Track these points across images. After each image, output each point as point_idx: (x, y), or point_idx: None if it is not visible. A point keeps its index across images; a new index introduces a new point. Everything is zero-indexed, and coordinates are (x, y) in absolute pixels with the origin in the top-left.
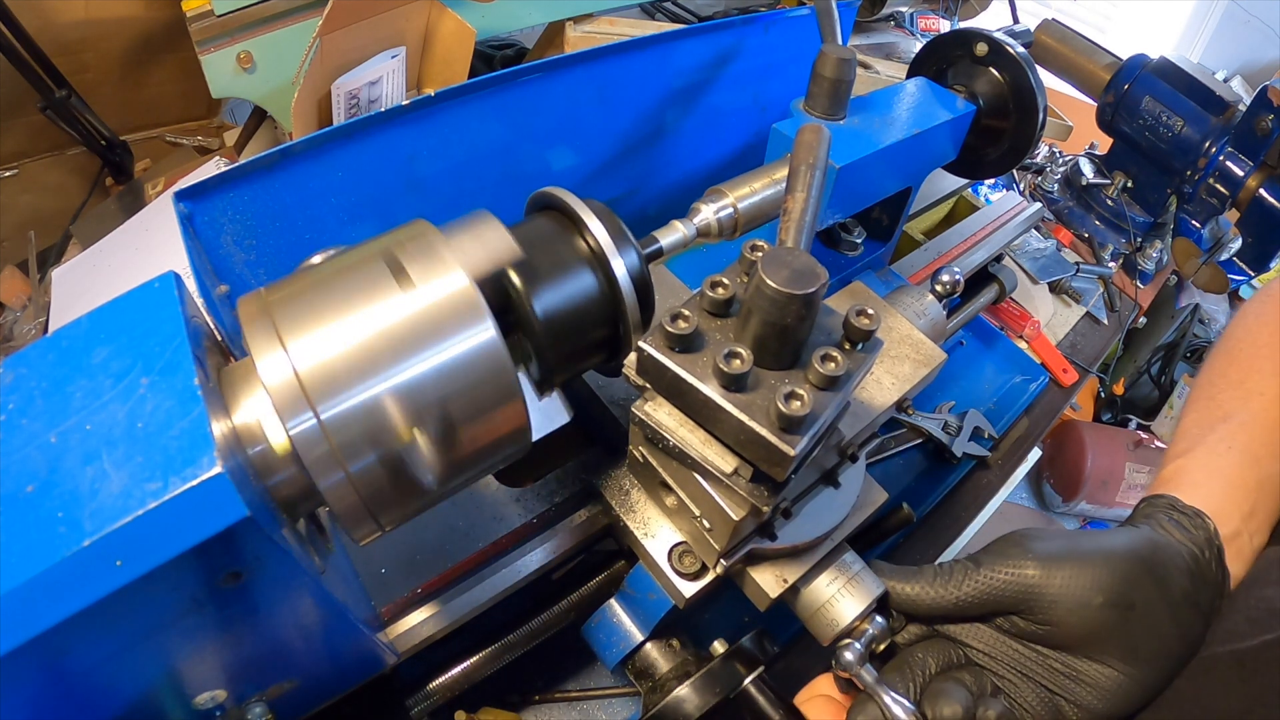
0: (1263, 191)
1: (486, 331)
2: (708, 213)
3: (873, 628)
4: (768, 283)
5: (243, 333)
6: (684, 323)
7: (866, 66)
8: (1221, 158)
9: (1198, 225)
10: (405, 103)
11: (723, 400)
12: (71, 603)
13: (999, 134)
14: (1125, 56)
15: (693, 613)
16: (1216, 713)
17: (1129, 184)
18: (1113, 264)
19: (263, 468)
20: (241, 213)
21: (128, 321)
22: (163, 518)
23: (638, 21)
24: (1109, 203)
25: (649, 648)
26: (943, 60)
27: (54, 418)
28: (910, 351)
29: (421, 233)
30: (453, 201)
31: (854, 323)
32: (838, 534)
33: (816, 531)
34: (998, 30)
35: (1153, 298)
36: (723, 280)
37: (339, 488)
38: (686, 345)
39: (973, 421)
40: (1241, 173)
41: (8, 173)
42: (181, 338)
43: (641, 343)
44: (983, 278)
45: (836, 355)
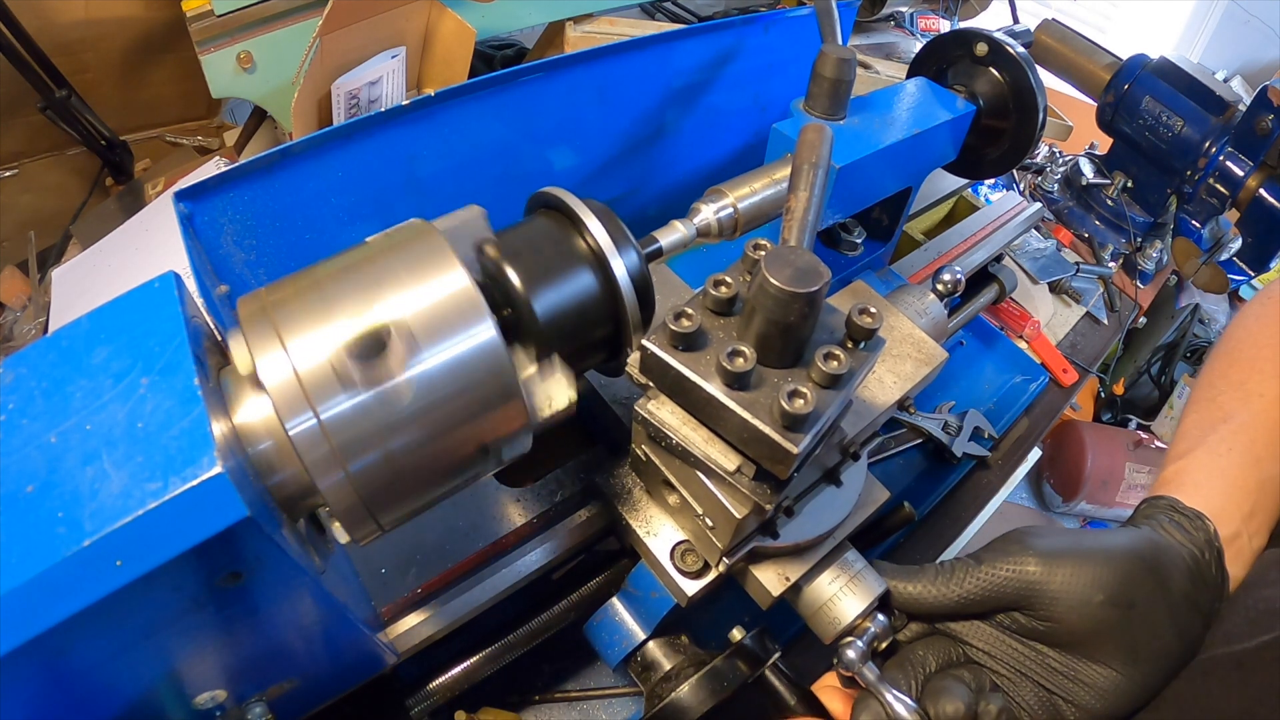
0: (1263, 191)
1: (487, 331)
2: (708, 213)
3: (875, 626)
4: (771, 281)
5: (243, 332)
6: (687, 321)
7: (866, 66)
8: (1221, 158)
9: (1198, 225)
10: (405, 103)
11: (726, 398)
12: (71, 603)
13: (999, 134)
14: (1125, 56)
15: (695, 611)
16: (1216, 714)
17: (1129, 184)
18: (1113, 264)
19: (263, 468)
20: (241, 213)
21: (128, 321)
22: (163, 518)
23: (638, 21)
24: (1109, 203)
25: (651, 646)
26: (943, 60)
27: (54, 418)
28: (912, 350)
29: (421, 232)
30: (453, 201)
31: (856, 321)
32: (840, 532)
33: (819, 530)
34: (998, 30)
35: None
36: (726, 279)
37: (339, 488)
38: (690, 344)
39: (973, 421)
40: (1241, 173)
41: (8, 173)
42: (181, 338)
43: (645, 341)
44: (983, 278)
45: (839, 354)
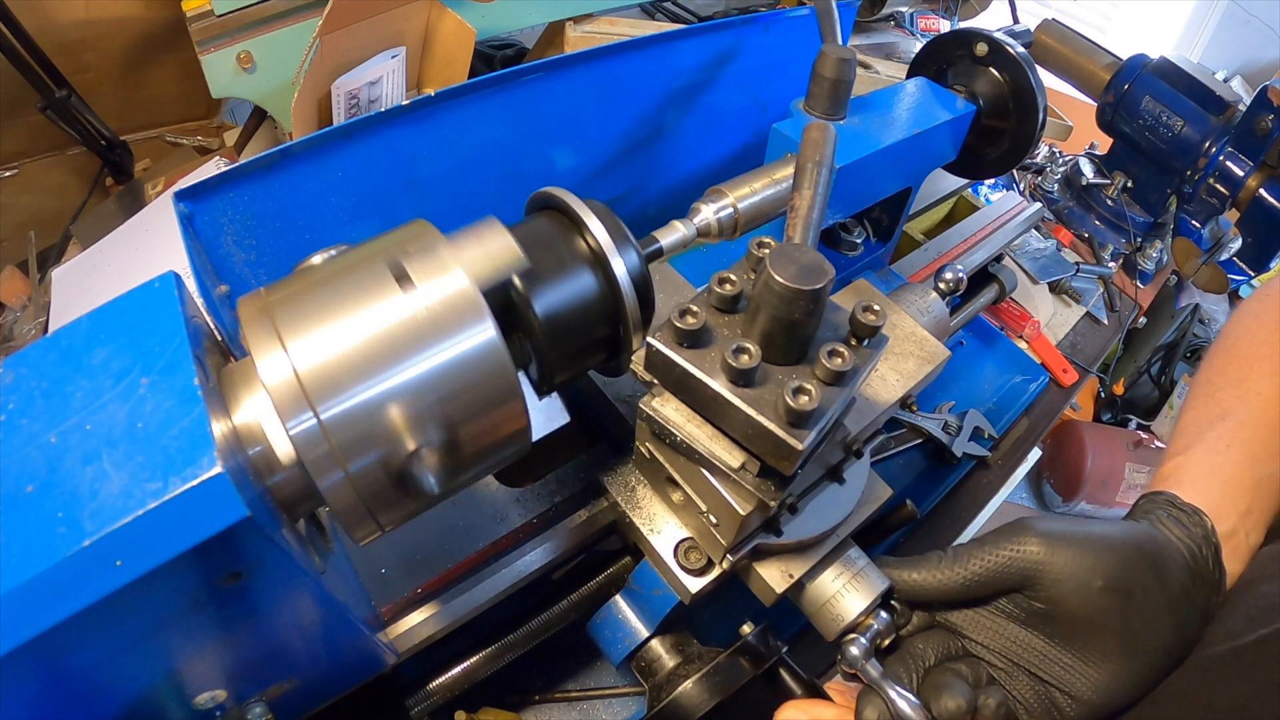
0: (1263, 191)
1: (487, 332)
2: (708, 213)
3: (878, 623)
4: (776, 278)
5: (243, 332)
6: (692, 318)
7: (866, 66)
8: (1221, 158)
9: (1198, 225)
10: (405, 103)
11: (731, 395)
12: (71, 603)
13: (999, 134)
14: (1125, 56)
15: (698, 609)
16: (1214, 709)
17: (1129, 184)
18: (1113, 264)
19: (263, 468)
20: (241, 213)
21: (128, 321)
22: (163, 518)
23: (638, 21)
24: (1109, 203)
25: (654, 644)
26: (943, 60)
27: (54, 418)
28: (914, 348)
29: (422, 233)
30: (453, 201)
31: (860, 319)
32: (843, 529)
33: (822, 527)
34: (998, 30)
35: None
36: (730, 276)
37: (339, 488)
38: (695, 341)
39: (973, 421)
40: (1241, 173)
41: (8, 173)
42: (181, 338)
43: (650, 338)
44: (983, 278)
45: (843, 351)
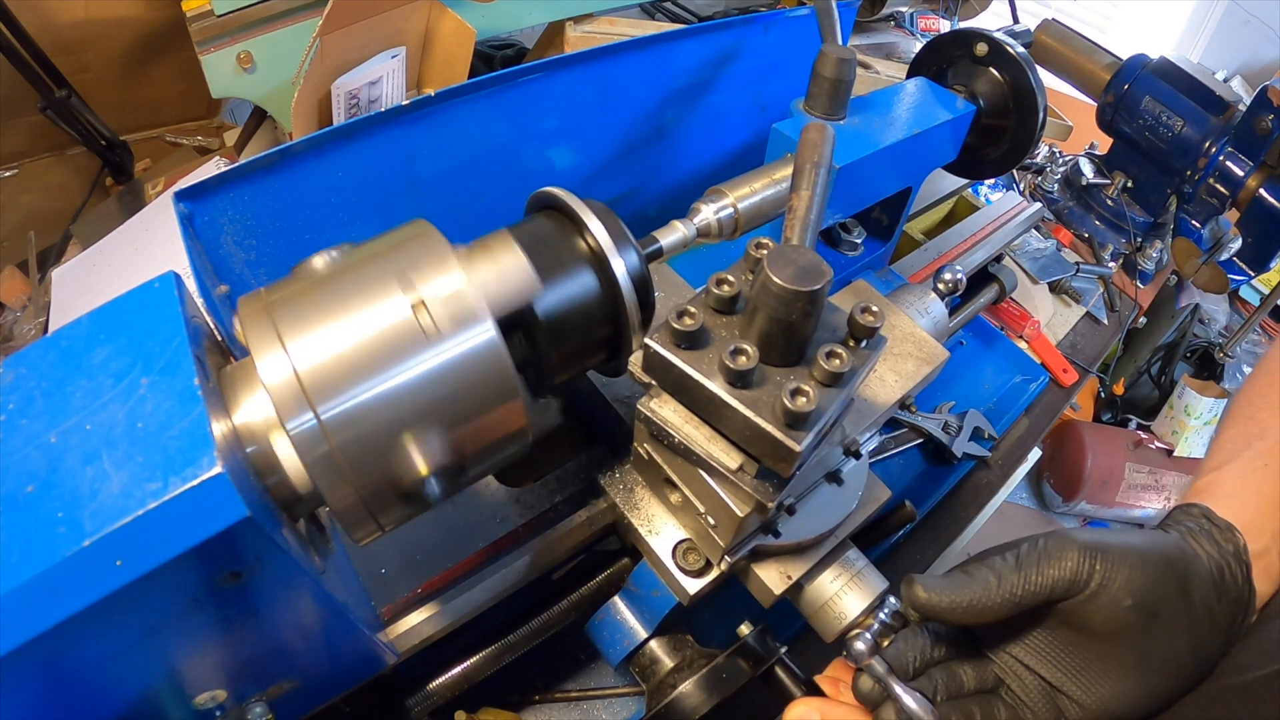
0: (1263, 191)
1: (486, 332)
2: (708, 213)
3: (877, 623)
4: (773, 279)
5: (243, 332)
6: (690, 320)
7: (866, 66)
8: (1221, 158)
9: (1198, 225)
10: (405, 103)
11: (729, 396)
12: (71, 603)
13: (999, 134)
14: (1125, 56)
15: (697, 610)
16: None
17: (1129, 184)
18: (1113, 264)
19: (263, 468)
20: (241, 213)
21: (128, 321)
22: (163, 518)
23: (638, 21)
24: (1109, 203)
25: (653, 645)
26: (943, 60)
27: (54, 418)
28: (913, 349)
29: (422, 233)
30: (453, 201)
31: (858, 320)
32: (841, 531)
33: (820, 528)
34: (998, 30)
35: (1153, 298)
36: (728, 277)
37: (339, 488)
38: (692, 342)
39: (973, 421)
40: (1241, 173)
41: (8, 173)
42: (181, 338)
43: (648, 339)
44: (983, 278)
45: (841, 352)
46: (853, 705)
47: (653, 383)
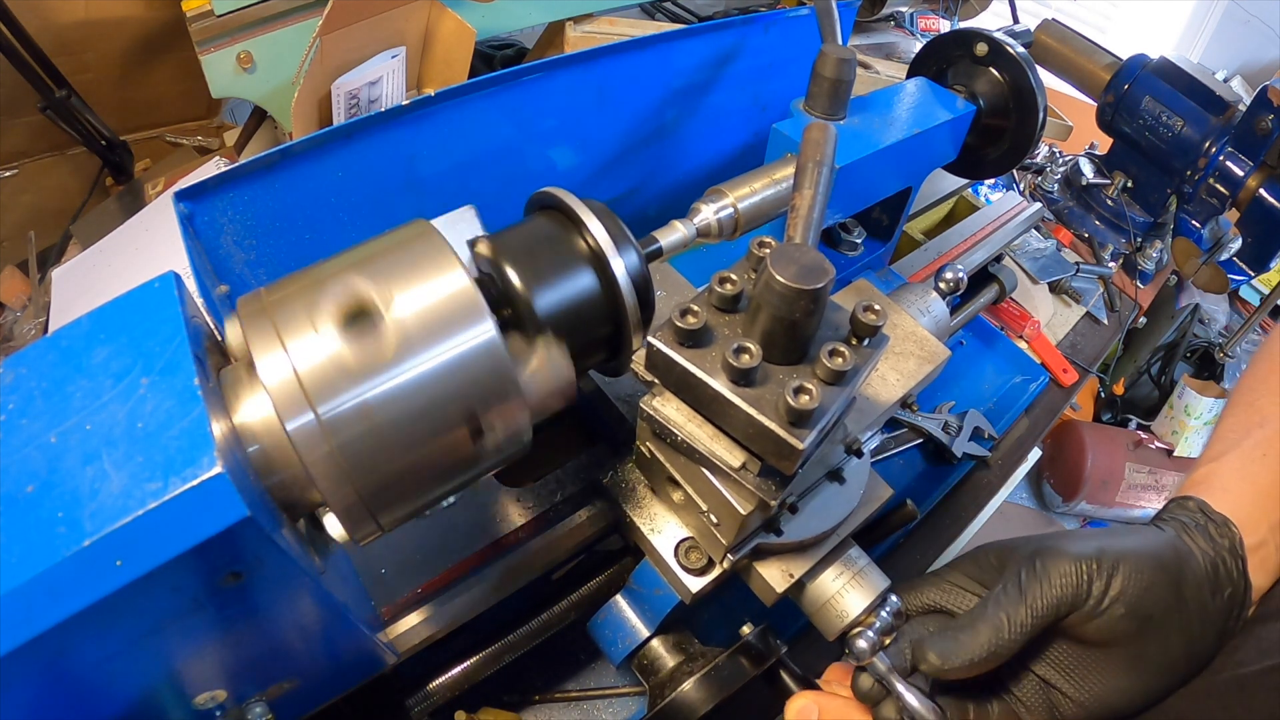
0: (1263, 191)
1: (486, 332)
2: (708, 213)
3: (879, 621)
4: (776, 278)
5: (243, 332)
6: (693, 318)
7: (866, 66)
8: (1221, 158)
9: (1198, 225)
10: (405, 103)
11: (732, 395)
12: (71, 603)
13: (999, 134)
14: (1125, 56)
15: (699, 609)
16: None
17: (1129, 184)
18: (1113, 264)
19: (263, 468)
20: (241, 213)
21: (128, 321)
22: (163, 518)
23: (638, 21)
24: (1109, 203)
25: (655, 644)
26: (943, 60)
27: (54, 418)
28: (915, 348)
29: (422, 233)
30: (453, 201)
31: (861, 318)
32: (843, 529)
33: (822, 527)
34: (998, 30)
35: (1153, 298)
36: (731, 276)
37: (339, 488)
38: (695, 340)
39: (973, 421)
40: (1241, 173)
41: (8, 173)
42: (181, 338)
43: (651, 338)
44: (983, 278)
45: (844, 350)
46: (850, 699)
47: (656, 381)
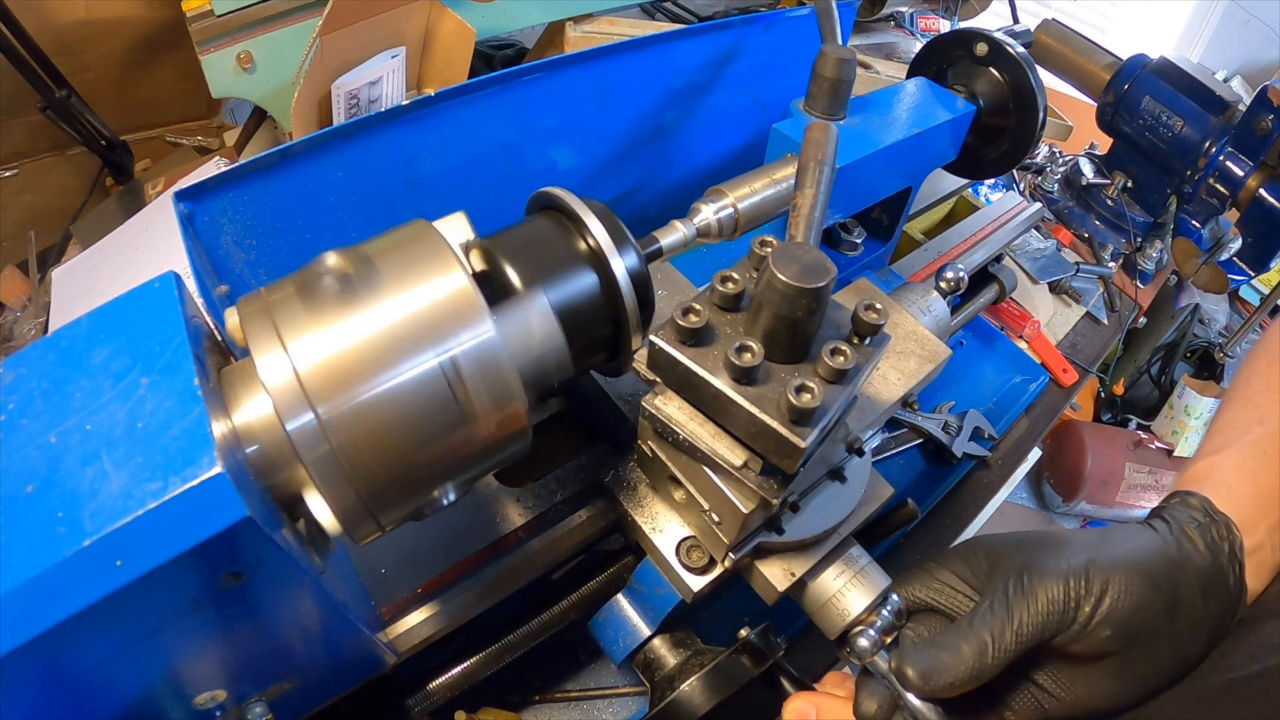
0: (1263, 191)
1: (486, 332)
2: (708, 213)
3: (881, 620)
4: (778, 277)
5: (242, 332)
6: (695, 317)
7: (866, 66)
8: (1221, 158)
9: (1198, 225)
10: (405, 103)
11: (734, 393)
12: (71, 603)
13: (999, 134)
14: (1125, 56)
15: (700, 607)
16: None
17: (1129, 184)
18: (1113, 264)
19: (263, 468)
20: (241, 213)
21: (128, 321)
22: (163, 518)
23: (638, 21)
24: (1109, 203)
25: (656, 642)
26: (943, 60)
27: (54, 418)
28: (916, 347)
29: (422, 233)
30: (453, 201)
31: (862, 317)
32: (845, 528)
33: (823, 525)
34: (998, 30)
35: (1153, 298)
36: (733, 275)
37: (339, 488)
38: (697, 339)
39: (973, 421)
40: (1241, 173)
41: (8, 173)
42: (181, 338)
43: (653, 336)
44: (983, 278)
45: (845, 349)
46: (848, 700)
47: (658, 380)
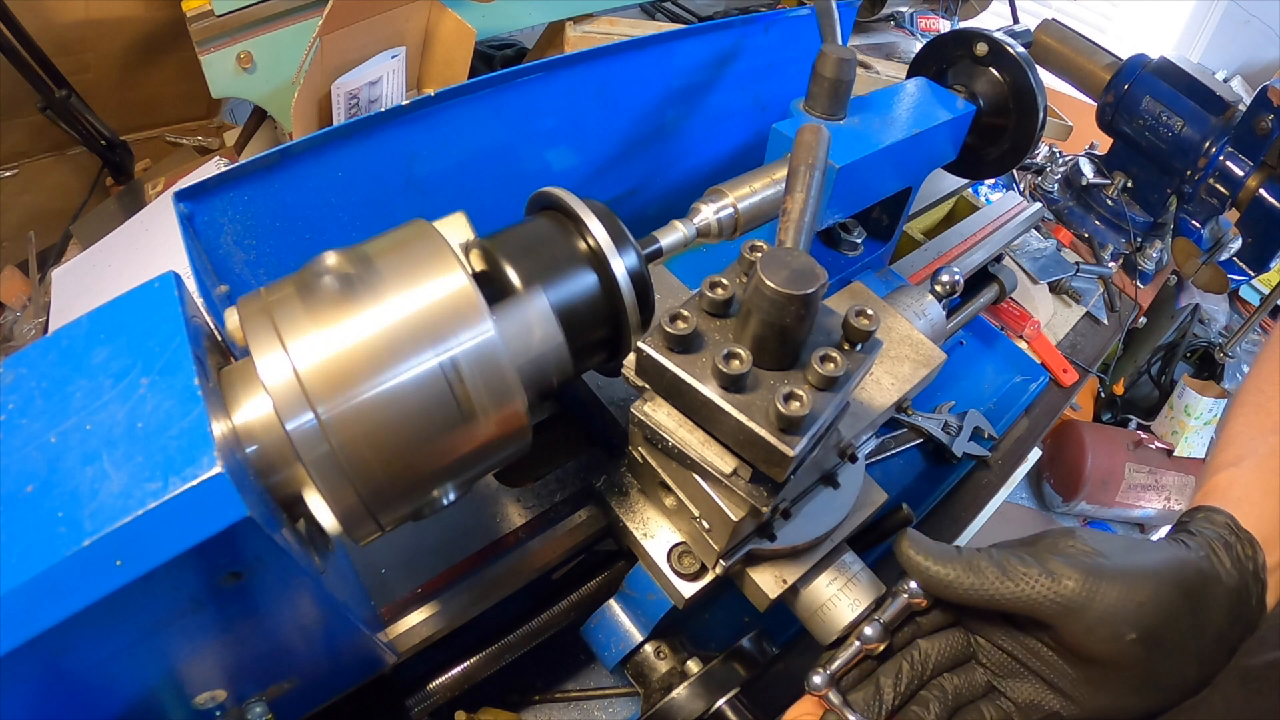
0: (1263, 191)
1: (486, 332)
2: (708, 213)
3: (871, 629)
4: (767, 283)
5: (242, 332)
6: (683, 323)
7: (866, 66)
8: (1221, 158)
9: (1198, 225)
10: (405, 103)
11: (722, 401)
12: (71, 603)
13: (999, 134)
14: (1125, 56)
15: (692, 614)
16: None
17: (1129, 184)
18: (1113, 264)
19: (263, 468)
20: (241, 213)
21: (128, 321)
22: (163, 518)
23: (638, 21)
24: (1109, 203)
25: (648, 649)
26: (943, 60)
27: (54, 418)
28: (910, 352)
29: (422, 233)
30: (453, 201)
31: (853, 323)
32: (837, 534)
33: (816, 532)
34: (998, 30)
35: (1153, 298)
36: (722, 281)
37: (339, 488)
38: (686, 346)
39: (973, 421)
40: (1241, 173)
41: (8, 173)
42: (181, 338)
43: (641, 343)
44: (983, 278)
45: (836, 356)
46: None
47: (646, 386)
